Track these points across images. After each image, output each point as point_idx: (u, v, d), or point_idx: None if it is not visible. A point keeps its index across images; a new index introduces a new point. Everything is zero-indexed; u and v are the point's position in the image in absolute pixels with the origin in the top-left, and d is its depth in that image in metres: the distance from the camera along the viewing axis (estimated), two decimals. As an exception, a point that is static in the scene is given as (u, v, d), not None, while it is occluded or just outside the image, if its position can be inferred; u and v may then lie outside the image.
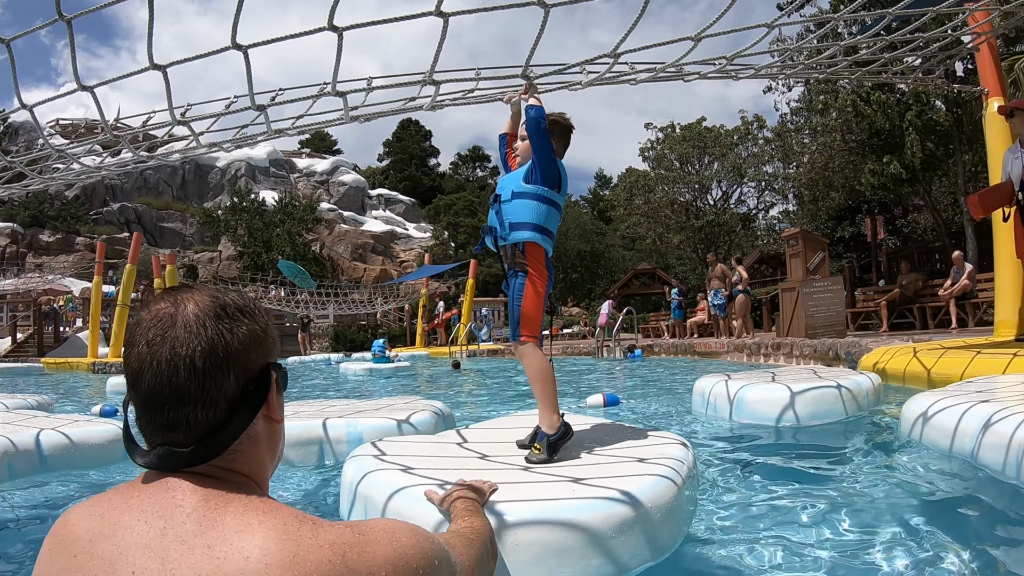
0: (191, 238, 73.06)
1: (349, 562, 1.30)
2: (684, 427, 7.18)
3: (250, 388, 1.45)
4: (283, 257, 53.83)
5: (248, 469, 1.47)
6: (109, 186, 73.94)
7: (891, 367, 9.92)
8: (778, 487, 4.40)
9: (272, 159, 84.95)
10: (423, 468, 3.44)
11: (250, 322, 1.47)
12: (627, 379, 14.84)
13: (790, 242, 18.75)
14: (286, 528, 1.30)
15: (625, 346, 23.69)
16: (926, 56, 10.51)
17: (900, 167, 24.36)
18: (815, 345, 14.81)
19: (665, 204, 42.59)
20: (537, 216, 4.08)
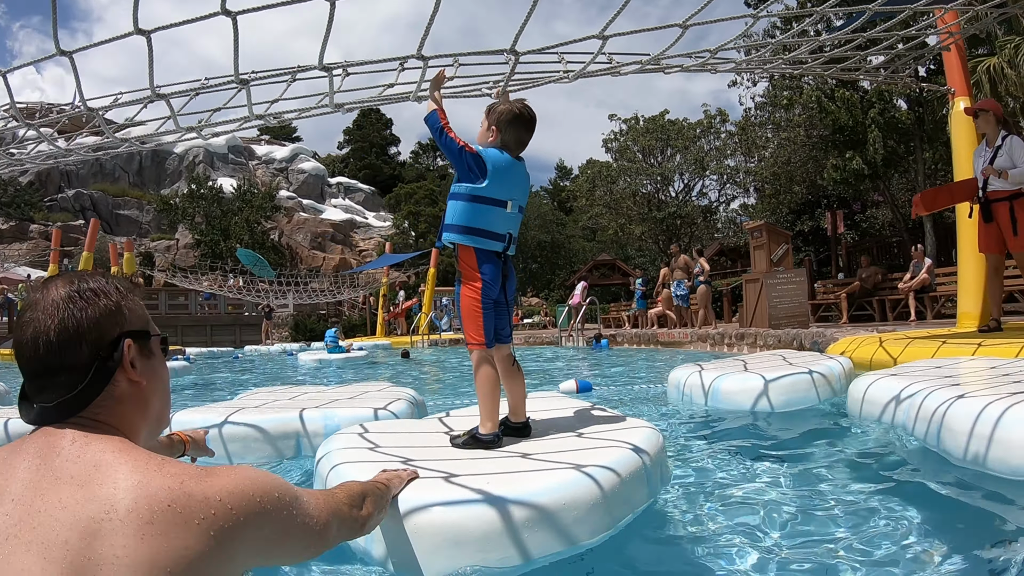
0: (148, 226, 72.15)
1: (187, 488, 1.54)
2: (660, 415, 7.23)
3: (102, 356, 1.73)
4: (241, 245, 53.43)
5: (116, 423, 1.75)
6: (64, 172, 72.75)
7: (857, 356, 10.05)
8: (743, 470, 4.59)
9: (231, 145, 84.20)
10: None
11: (102, 300, 1.76)
12: (595, 368, 14.91)
13: (754, 234, 18.92)
14: (136, 461, 1.57)
15: (589, 335, 23.77)
16: (896, 55, 10.68)
17: (863, 163, 24.75)
18: (779, 335, 14.97)
19: (627, 195, 42.74)
20: (457, 216, 4.09)
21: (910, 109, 25.34)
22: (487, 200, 4.06)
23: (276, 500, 1.74)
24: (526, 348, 24.80)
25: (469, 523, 2.78)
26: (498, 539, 2.77)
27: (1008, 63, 20.19)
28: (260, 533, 1.68)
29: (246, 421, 5.47)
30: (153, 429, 1.91)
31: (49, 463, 1.56)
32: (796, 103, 27.23)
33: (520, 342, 27.60)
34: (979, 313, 11.31)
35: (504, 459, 3.60)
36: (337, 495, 2.25)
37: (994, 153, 9.43)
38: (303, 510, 1.88)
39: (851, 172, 25.24)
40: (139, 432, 1.82)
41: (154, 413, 1.89)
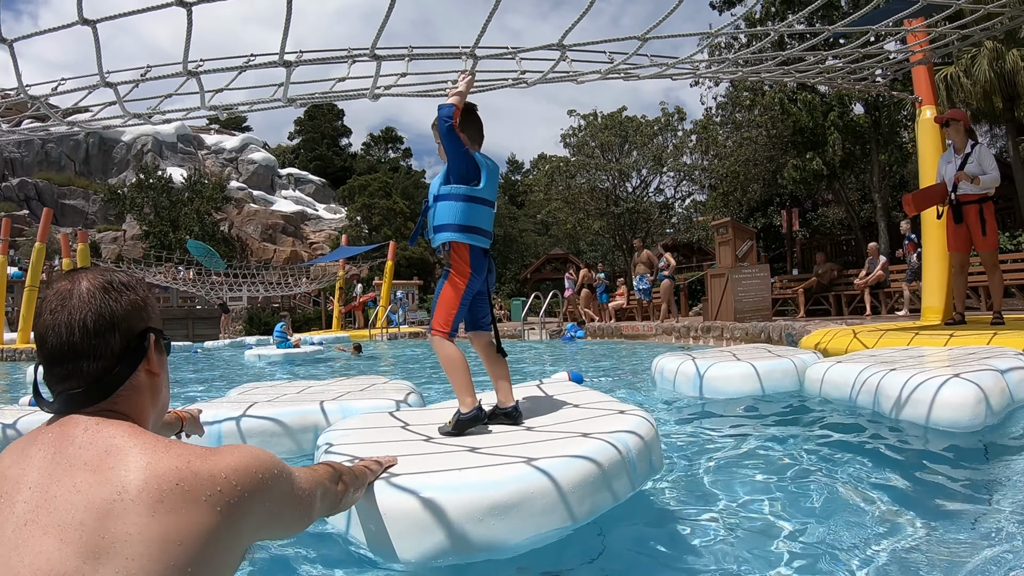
0: (94, 216, 70.99)
1: (193, 467, 1.64)
2: (654, 403, 7.45)
3: (131, 346, 1.85)
4: (191, 237, 52.86)
5: (130, 411, 1.85)
6: (8, 160, 71.39)
7: (832, 347, 10.37)
8: (737, 450, 5.00)
9: (180, 134, 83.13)
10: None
11: (132, 294, 1.89)
12: (574, 360, 15.06)
13: (720, 230, 19.21)
14: (144, 444, 1.67)
15: (551, 328, 23.95)
16: (865, 67, 11.05)
17: (822, 164, 25.27)
18: (746, 328, 15.24)
19: (586, 190, 42.91)
20: (457, 216, 4.29)
21: (867, 113, 25.94)
22: (482, 201, 4.34)
23: (276, 476, 1.86)
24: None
25: (435, 510, 2.87)
26: (464, 527, 2.86)
27: (964, 72, 20.89)
28: (263, 507, 1.80)
29: (265, 415, 5.50)
30: (158, 417, 2.02)
31: (63, 451, 1.64)
32: (758, 104, 27.63)
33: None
34: (943, 308, 11.78)
35: (483, 447, 3.69)
36: (318, 470, 2.40)
37: (964, 160, 10.07)
38: (297, 484, 2.03)
39: (810, 172, 25.77)
40: (149, 418, 1.92)
41: (161, 403, 2.01)
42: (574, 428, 3.92)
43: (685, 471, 4.45)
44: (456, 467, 3.20)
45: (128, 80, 6.51)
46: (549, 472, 3.08)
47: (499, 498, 2.91)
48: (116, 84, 6.29)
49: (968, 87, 20.79)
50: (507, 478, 3.04)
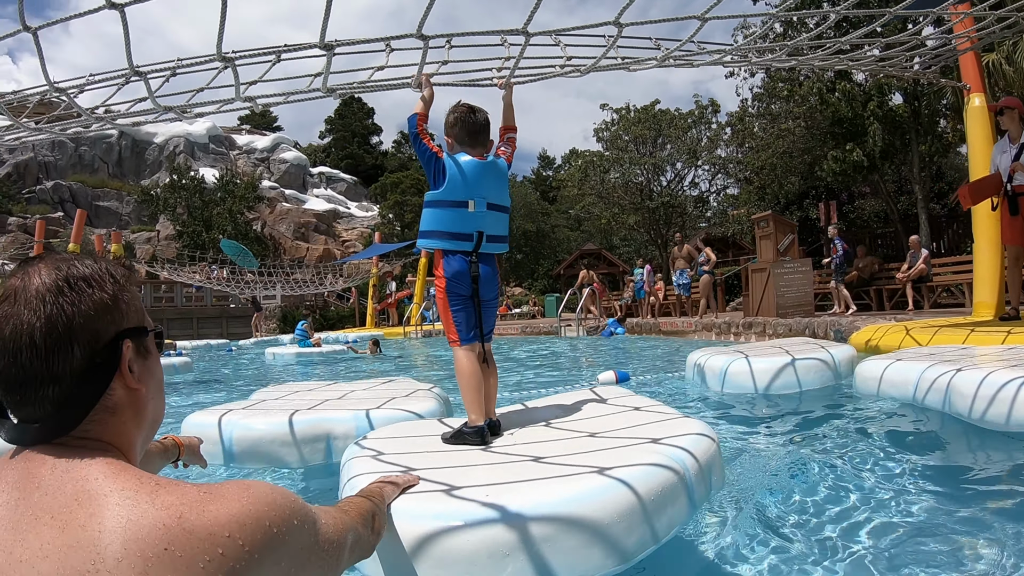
0: (128, 217, 71.44)
1: (186, 523, 1.29)
2: (708, 404, 7.25)
3: (97, 361, 1.46)
4: (224, 236, 53.07)
5: (109, 437, 1.49)
6: (42, 164, 71.96)
7: (884, 344, 10.12)
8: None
9: (212, 135, 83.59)
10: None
11: (97, 291, 1.49)
12: (615, 357, 14.91)
13: (760, 224, 18.94)
14: (124, 491, 1.31)
15: (589, 325, 23.77)
16: (916, 54, 10.77)
17: (862, 155, 24.84)
18: (790, 324, 14.98)
19: (620, 185, 42.73)
20: (425, 222, 4.27)
21: (906, 102, 25.48)
22: (446, 203, 4.21)
23: (295, 527, 1.49)
24: (524, 339, 24.69)
25: (457, 540, 2.51)
26: (488, 561, 2.50)
27: (1006, 59, 20.44)
28: (276, 569, 1.43)
29: (311, 420, 5.21)
30: (148, 435, 1.66)
31: (28, 497, 1.32)
32: (795, 94, 27.23)
33: (516, 332, 27.54)
34: (995, 303, 11.44)
35: (518, 463, 3.36)
36: (350, 514, 2.00)
37: (1020, 149, 9.71)
38: (321, 535, 1.64)
39: (850, 164, 25.30)
40: (135, 443, 1.58)
41: (149, 419, 1.63)
42: (633, 440, 3.58)
43: (747, 483, 4.15)
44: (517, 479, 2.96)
45: (159, 68, 6.35)
46: (628, 483, 2.80)
47: (541, 524, 2.56)
48: (147, 73, 6.03)
49: (1010, 74, 20.35)
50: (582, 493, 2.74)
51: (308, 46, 5.56)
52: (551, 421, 4.37)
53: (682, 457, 3.18)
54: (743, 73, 31.56)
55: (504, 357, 16.55)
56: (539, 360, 15.51)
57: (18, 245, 57.02)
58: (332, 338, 27.02)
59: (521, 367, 14.09)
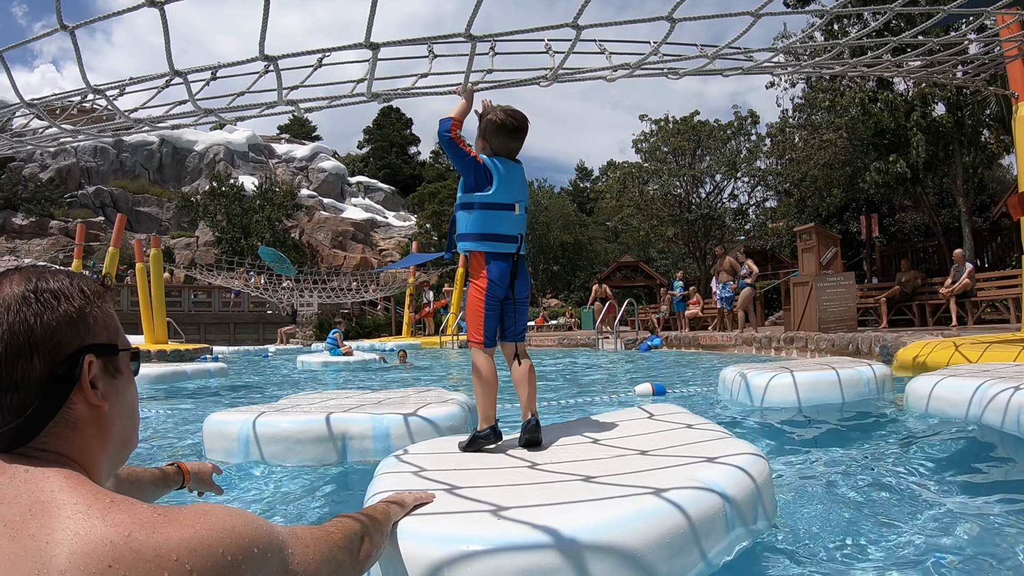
0: (167, 223, 72.23)
1: (134, 543, 1.23)
2: (743, 418, 7.13)
3: (57, 374, 1.44)
4: (263, 243, 53.44)
5: (70, 452, 1.46)
6: (84, 169, 73.02)
7: (932, 360, 9.89)
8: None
9: (251, 144, 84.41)
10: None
11: (62, 305, 1.47)
12: (655, 371, 14.82)
13: (803, 236, 18.70)
14: (76, 506, 1.28)
15: (626, 338, 23.65)
16: (963, 61, 10.52)
17: (905, 167, 24.46)
18: (832, 339, 14.75)
19: (659, 197, 42.64)
20: (471, 225, 4.33)
21: (949, 112, 25.10)
22: (497, 206, 4.32)
23: (254, 556, 1.39)
24: (562, 351, 24.60)
25: (466, 567, 2.32)
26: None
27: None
28: None
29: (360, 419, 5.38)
30: (117, 457, 1.62)
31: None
32: (837, 104, 26.90)
33: (553, 344, 27.51)
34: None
35: (553, 483, 3.15)
36: (333, 537, 1.87)
37: None
38: (291, 565, 1.54)
39: (893, 176, 24.90)
40: (98, 462, 1.54)
41: (117, 440, 1.59)
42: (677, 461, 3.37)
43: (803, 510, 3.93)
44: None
45: (200, 69, 6.28)
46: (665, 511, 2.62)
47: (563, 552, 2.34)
48: (187, 73, 5.93)
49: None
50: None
51: (353, 46, 5.47)
52: (589, 438, 4.26)
53: (724, 483, 2.95)
54: (784, 83, 31.33)
55: (543, 368, 16.45)
56: (577, 373, 15.45)
57: (59, 247, 57.81)
58: (367, 347, 27.04)
59: (560, 379, 14.03)
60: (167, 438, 7.45)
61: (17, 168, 66.44)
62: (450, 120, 4.43)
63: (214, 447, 5.66)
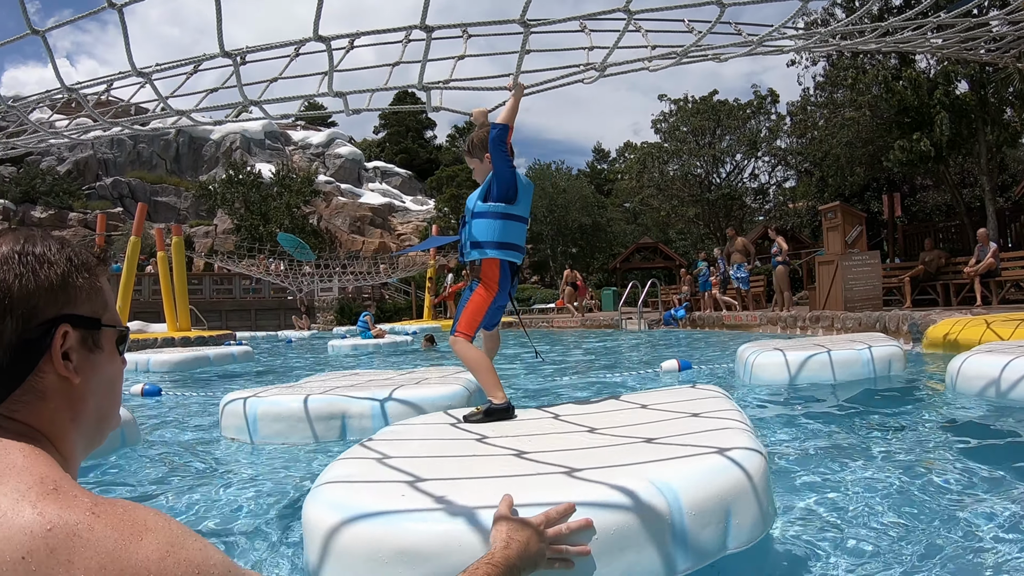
0: (186, 212, 72.46)
1: (51, 540, 1.12)
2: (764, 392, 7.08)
3: (28, 338, 1.38)
4: (281, 230, 53.54)
5: (38, 424, 1.40)
6: (102, 160, 73.35)
7: (963, 338, 9.86)
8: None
9: (267, 131, 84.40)
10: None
11: (44, 269, 1.42)
12: (682, 348, 14.85)
13: (828, 215, 18.62)
14: (17, 485, 1.20)
15: (649, 320, 23.64)
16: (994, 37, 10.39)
17: (929, 145, 24.20)
18: (859, 318, 14.72)
19: (679, 177, 42.50)
20: (495, 233, 4.61)
21: (972, 90, 24.83)
22: (515, 217, 4.65)
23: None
24: (587, 332, 24.60)
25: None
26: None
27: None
28: None
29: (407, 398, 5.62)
30: (92, 435, 1.54)
31: None
32: (860, 82, 26.63)
33: (577, 325, 27.52)
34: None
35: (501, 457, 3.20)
36: None
37: None
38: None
39: (917, 154, 24.64)
40: (68, 437, 1.46)
41: (90, 416, 1.51)
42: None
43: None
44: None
45: (229, 54, 6.23)
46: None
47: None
48: (236, 54, 5.89)
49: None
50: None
51: (409, 28, 5.50)
52: (582, 425, 3.98)
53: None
54: (805, 61, 31.09)
55: (568, 348, 16.71)
56: (603, 351, 15.50)
57: (79, 239, 57.99)
58: (390, 330, 27.10)
59: (589, 357, 14.10)
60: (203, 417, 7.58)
61: (35, 162, 66.76)
62: (505, 127, 4.60)
63: (228, 424, 5.96)
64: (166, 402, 9.43)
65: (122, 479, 4.85)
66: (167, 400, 9.62)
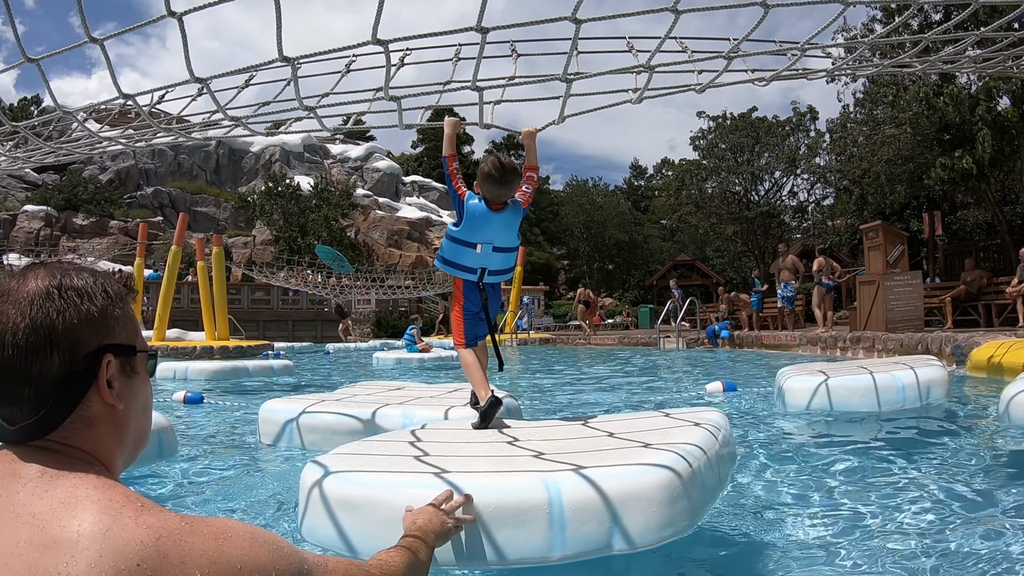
0: (225, 222, 72.93)
1: (162, 546, 1.26)
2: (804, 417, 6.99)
3: (75, 371, 1.45)
4: (319, 242, 53.86)
5: (89, 448, 1.48)
6: (143, 170, 74.09)
7: (1008, 361, 9.70)
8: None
9: (306, 144, 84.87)
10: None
11: (84, 303, 1.48)
12: (723, 369, 14.76)
13: (869, 234, 18.47)
14: (111, 504, 1.30)
15: (688, 338, 23.55)
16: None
17: (971, 162, 23.91)
18: (900, 339, 14.57)
19: (717, 194, 42.36)
20: (442, 250, 5.33)
21: (1014, 106, 24.57)
22: (459, 241, 5.19)
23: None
24: (625, 350, 24.53)
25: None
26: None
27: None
28: None
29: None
30: (130, 455, 1.64)
31: (12, 496, 1.33)
32: (901, 99, 26.42)
33: (614, 343, 27.48)
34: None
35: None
36: (371, 573, 1.85)
37: None
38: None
39: (959, 172, 24.35)
40: (115, 460, 1.56)
41: (131, 439, 1.62)
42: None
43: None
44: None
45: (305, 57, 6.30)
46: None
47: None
48: (295, 59, 5.90)
49: None
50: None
51: (462, 30, 5.58)
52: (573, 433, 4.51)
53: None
54: (844, 78, 30.93)
55: (616, 366, 16.57)
56: (642, 372, 15.44)
57: (119, 247, 58.69)
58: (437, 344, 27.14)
59: (627, 379, 14.03)
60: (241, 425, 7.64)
61: (77, 170, 67.61)
62: (447, 158, 5.38)
63: (266, 431, 6.22)
64: (205, 409, 9.52)
65: (161, 487, 4.95)
66: (206, 408, 9.69)
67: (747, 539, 3.43)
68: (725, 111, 44.31)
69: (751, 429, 6.60)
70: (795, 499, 4.10)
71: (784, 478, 4.59)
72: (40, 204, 63.24)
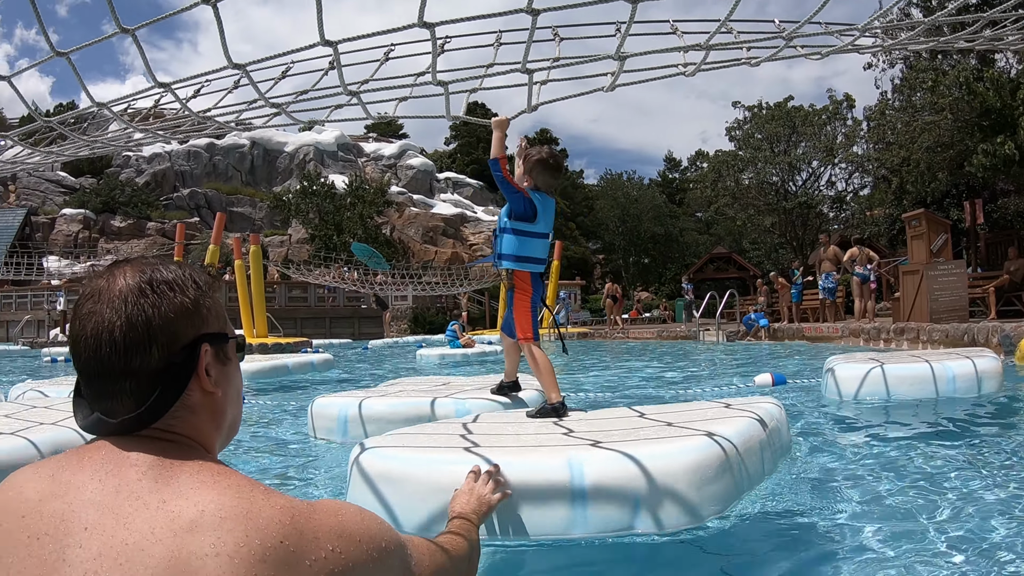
0: (260, 222, 73.49)
1: (297, 524, 1.34)
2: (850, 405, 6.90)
3: (175, 362, 1.48)
4: (355, 240, 54.03)
5: (192, 434, 1.53)
6: (179, 172, 74.93)
7: (1057, 351, 9.57)
8: None
9: (340, 143, 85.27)
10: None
11: (177, 296, 1.51)
12: (767, 361, 14.67)
13: (912, 223, 18.28)
14: (240, 488, 1.36)
15: (727, 331, 23.44)
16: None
17: (1014, 148, 23.46)
18: (946, 330, 14.39)
19: (754, 185, 42.08)
20: (515, 248, 5.30)
21: (1056, 90, 24.11)
22: (533, 235, 5.31)
23: (382, 549, 1.51)
24: (665, 344, 24.46)
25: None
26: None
27: None
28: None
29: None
30: (226, 439, 1.70)
31: (130, 484, 1.34)
32: (940, 84, 26.02)
33: (652, 336, 27.42)
34: None
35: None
36: (446, 550, 1.98)
37: None
38: (408, 565, 1.65)
39: (1001, 158, 23.88)
40: (214, 445, 1.61)
41: (227, 424, 1.66)
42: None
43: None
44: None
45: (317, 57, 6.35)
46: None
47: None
48: (336, 42, 5.96)
49: None
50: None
51: (512, 12, 5.59)
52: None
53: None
54: (882, 64, 30.56)
55: (657, 359, 16.76)
56: (687, 364, 15.42)
57: (156, 248, 59.33)
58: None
59: (673, 371, 14.03)
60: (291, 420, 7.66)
61: (114, 173, 68.58)
62: (498, 160, 5.22)
63: (320, 426, 6.33)
64: (248, 407, 9.56)
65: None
66: (248, 406, 9.72)
67: (801, 520, 3.51)
68: (760, 100, 44.03)
69: (804, 417, 6.69)
70: (851, 488, 4.09)
71: (843, 465, 4.69)
72: (78, 207, 64.32)
